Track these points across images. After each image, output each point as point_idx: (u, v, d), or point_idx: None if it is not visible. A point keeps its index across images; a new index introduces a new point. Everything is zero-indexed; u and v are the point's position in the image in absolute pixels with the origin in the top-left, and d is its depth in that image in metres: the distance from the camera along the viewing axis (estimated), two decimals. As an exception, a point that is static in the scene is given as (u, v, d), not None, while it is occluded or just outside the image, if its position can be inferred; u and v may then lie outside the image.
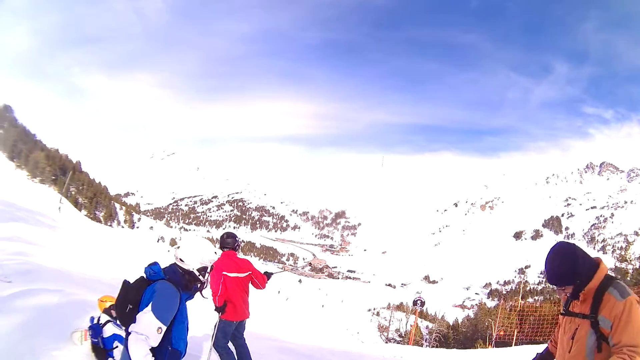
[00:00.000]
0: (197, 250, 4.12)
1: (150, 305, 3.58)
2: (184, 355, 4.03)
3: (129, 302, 3.73)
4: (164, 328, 3.61)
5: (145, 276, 3.88)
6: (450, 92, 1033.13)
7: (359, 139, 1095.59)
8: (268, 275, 7.54)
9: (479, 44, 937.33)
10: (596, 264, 3.33)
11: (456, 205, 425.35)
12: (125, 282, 3.87)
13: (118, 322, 6.01)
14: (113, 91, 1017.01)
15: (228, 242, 7.31)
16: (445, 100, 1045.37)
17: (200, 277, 4.15)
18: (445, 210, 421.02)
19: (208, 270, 4.24)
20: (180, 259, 4.08)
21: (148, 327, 3.51)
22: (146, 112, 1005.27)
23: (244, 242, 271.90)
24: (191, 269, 4.08)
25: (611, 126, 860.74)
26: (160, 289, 3.73)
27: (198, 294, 4.28)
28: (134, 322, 3.57)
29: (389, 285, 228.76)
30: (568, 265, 3.27)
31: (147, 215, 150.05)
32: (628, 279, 20.01)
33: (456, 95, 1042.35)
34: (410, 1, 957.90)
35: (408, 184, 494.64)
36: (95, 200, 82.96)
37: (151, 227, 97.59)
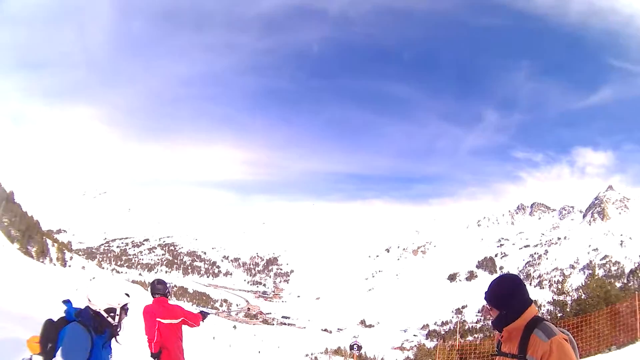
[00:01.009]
0: (104, 291, 4.00)
1: (60, 350, 3.55)
2: None
3: (49, 340, 3.68)
4: None
5: (65, 316, 3.84)
6: (381, 142, 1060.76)
7: (290, 186, 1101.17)
8: (204, 314, 7.71)
9: (412, 95, 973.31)
10: (528, 304, 3.36)
11: (388, 250, 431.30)
12: (47, 321, 3.80)
13: None
14: (51, 121, 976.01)
15: (159, 289, 7.38)
16: (376, 149, 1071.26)
17: (110, 319, 4.03)
18: (378, 255, 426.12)
19: (117, 313, 4.09)
20: (88, 299, 3.97)
21: None
22: (81, 146, 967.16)
23: (176, 287, 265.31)
24: (98, 310, 3.97)
25: (541, 169, 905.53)
26: (68, 332, 3.67)
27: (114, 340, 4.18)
28: None
29: (325, 330, 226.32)
30: (505, 289, 3.38)
31: (79, 254, 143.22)
32: (567, 309, 20.48)
33: (388, 144, 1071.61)
34: (347, 52, 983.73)
35: (339, 231, 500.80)
36: (28, 235, 78.30)
37: (83, 267, 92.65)
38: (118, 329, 4.11)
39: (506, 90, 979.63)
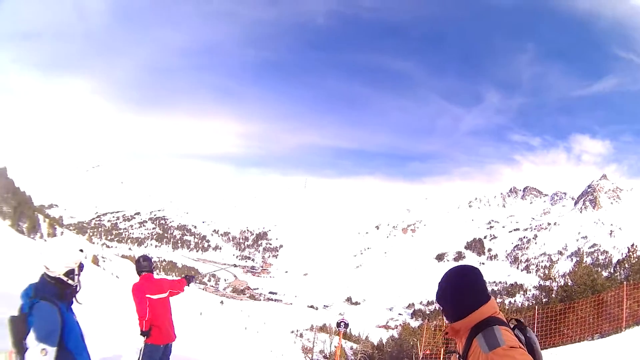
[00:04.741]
0: (59, 254, 3.78)
1: (34, 335, 3.38)
2: None
3: (22, 336, 3.44)
4: (50, 348, 3.39)
5: (22, 307, 3.57)
6: (379, 118, 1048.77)
7: (284, 160, 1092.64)
8: (188, 278, 7.78)
9: (414, 72, 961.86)
10: (477, 305, 2.64)
11: (378, 228, 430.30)
12: (12, 319, 3.52)
13: None
14: (45, 93, 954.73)
15: (145, 266, 7.36)
16: (374, 125, 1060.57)
17: (70, 281, 3.83)
18: (367, 232, 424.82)
19: (76, 273, 3.90)
20: (46, 267, 3.75)
21: (35, 354, 3.31)
22: (76, 118, 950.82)
23: (165, 261, 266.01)
24: (57, 276, 3.76)
25: (537, 153, 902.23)
26: (36, 315, 3.45)
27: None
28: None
29: (311, 307, 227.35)
30: (446, 285, 2.80)
31: (70, 229, 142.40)
32: (553, 295, 20.48)
33: (385, 121, 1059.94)
34: (351, 26, 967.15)
35: (330, 207, 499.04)
36: (19, 211, 77.44)
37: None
38: (78, 288, 3.91)
39: (509, 72, 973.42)
